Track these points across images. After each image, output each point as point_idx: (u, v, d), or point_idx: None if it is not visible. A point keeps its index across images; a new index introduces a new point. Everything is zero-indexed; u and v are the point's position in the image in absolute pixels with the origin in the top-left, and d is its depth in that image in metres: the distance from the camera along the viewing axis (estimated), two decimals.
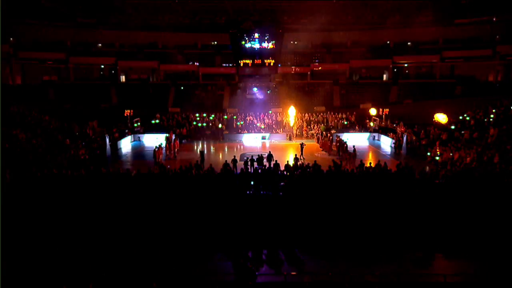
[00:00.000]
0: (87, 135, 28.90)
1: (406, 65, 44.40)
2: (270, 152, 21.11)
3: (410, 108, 36.00)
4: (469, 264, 11.41)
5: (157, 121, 34.96)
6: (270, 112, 36.92)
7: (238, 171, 19.49)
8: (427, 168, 20.45)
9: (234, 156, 21.56)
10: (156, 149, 23.69)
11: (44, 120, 29.32)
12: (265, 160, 20.73)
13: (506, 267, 11.21)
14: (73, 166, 20.68)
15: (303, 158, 23.74)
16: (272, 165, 19.40)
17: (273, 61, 43.17)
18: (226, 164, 18.92)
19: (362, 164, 19.13)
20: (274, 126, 34.34)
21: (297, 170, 18.73)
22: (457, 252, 12.06)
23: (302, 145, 24.90)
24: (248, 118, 36.20)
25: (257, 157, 21.23)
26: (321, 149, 27.90)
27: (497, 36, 39.65)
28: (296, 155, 22.27)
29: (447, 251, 12.18)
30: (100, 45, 43.60)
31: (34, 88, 39.17)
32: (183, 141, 30.99)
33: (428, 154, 23.17)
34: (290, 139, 30.60)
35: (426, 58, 42.41)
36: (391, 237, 12.98)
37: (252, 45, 43.76)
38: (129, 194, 15.87)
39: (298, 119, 35.61)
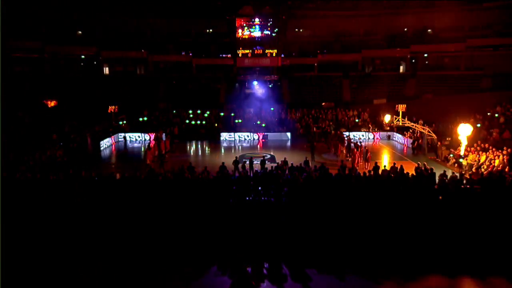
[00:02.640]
0: (65, 134, 28.90)
1: (425, 55, 44.43)
2: (285, 158, 20.70)
3: (431, 104, 35.98)
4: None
5: (145, 118, 35.03)
6: (272, 109, 36.93)
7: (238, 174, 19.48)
8: (450, 171, 20.42)
9: (236, 157, 21.54)
10: (149, 150, 23.75)
11: (17, 116, 29.36)
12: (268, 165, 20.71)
13: None
14: (49, 169, 20.67)
15: (314, 160, 23.79)
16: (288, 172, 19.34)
17: (275, 51, 43.25)
18: (223, 166, 18.90)
19: (375, 167, 19.10)
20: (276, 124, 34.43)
21: (303, 173, 18.69)
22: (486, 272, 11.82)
23: (312, 146, 24.89)
24: (247, 115, 36.26)
25: (261, 159, 21.33)
26: (330, 150, 27.90)
27: None
28: (306, 157, 22.25)
29: (475, 271, 11.88)
30: (80, 32, 43.62)
31: (5, 81, 39.17)
32: (174, 141, 30.99)
33: (451, 155, 23.14)
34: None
35: (449, 47, 42.38)
36: (409, 250, 12.92)
37: (252, 33, 43.83)
38: (113, 200, 15.84)
39: (303, 116, 35.70)
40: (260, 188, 16.96)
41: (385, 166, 18.95)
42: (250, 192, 16.64)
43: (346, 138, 27.86)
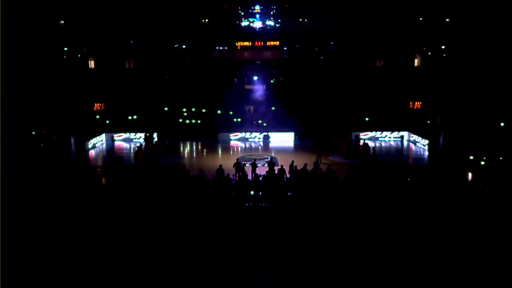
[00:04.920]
0: (46, 135, 28.86)
1: (443, 47, 44.27)
2: (292, 162, 20.26)
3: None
4: None
5: (135, 117, 34.98)
6: (273, 108, 36.75)
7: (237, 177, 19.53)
8: (470, 175, 20.42)
9: (237, 160, 21.58)
10: (141, 152, 23.73)
11: None
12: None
13: None
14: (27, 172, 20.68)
15: (320, 163, 23.78)
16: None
17: (277, 43, 43.24)
18: (220, 170, 18.90)
19: (385, 170, 19.11)
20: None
21: (307, 177, 18.74)
22: None
23: (318, 147, 24.83)
24: (246, 113, 36.20)
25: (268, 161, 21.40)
26: (337, 151, 27.85)
27: None
28: (317, 158, 22.23)
29: None
30: (62, 22, 43.50)
31: None
32: (167, 141, 30.95)
33: (471, 158, 23.07)
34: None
35: None
36: (427, 262, 12.90)
37: (252, 24, 43.84)
38: (99, 206, 15.86)
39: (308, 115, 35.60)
40: (261, 193, 17.01)
41: (397, 171, 18.94)
42: (251, 197, 16.69)
43: (354, 139, 27.83)
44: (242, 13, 42.47)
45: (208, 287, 11.73)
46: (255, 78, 40.63)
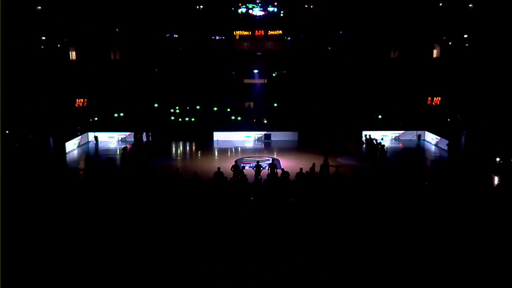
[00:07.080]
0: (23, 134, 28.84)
1: (465, 36, 44.31)
2: (302, 168, 19.88)
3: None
4: None
5: (121, 114, 34.97)
6: (275, 105, 36.69)
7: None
8: (495, 178, 20.38)
9: (236, 161, 21.53)
10: (128, 153, 23.68)
11: None
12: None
13: None
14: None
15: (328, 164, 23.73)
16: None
17: (280, 32, 43.26)
18: (218, 172, 18.88)
19: (401, 174, 19.08)
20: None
21: (312, 180, 18.76)
22: None
23: (325, 147, 24.78)
24: (245, 110, 36.19)
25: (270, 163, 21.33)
26: (346, 152, 27.84)
27: None
28: (324, 160, 22.20)
29: None
30: (39, 7, 43.49)
31: None
32: (158, 141, 30.93)
33: (498, 159, 23.02)
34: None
35: None
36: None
37: (252, 11, 43.86)
38: (82, 214, 15.83)
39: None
40: (262, 198, 17.02)
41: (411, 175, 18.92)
42: (251, 203, 16.71)
43: (365, 138, 27.74)
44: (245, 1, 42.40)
45: None
46: (255, 71, 40.66)
